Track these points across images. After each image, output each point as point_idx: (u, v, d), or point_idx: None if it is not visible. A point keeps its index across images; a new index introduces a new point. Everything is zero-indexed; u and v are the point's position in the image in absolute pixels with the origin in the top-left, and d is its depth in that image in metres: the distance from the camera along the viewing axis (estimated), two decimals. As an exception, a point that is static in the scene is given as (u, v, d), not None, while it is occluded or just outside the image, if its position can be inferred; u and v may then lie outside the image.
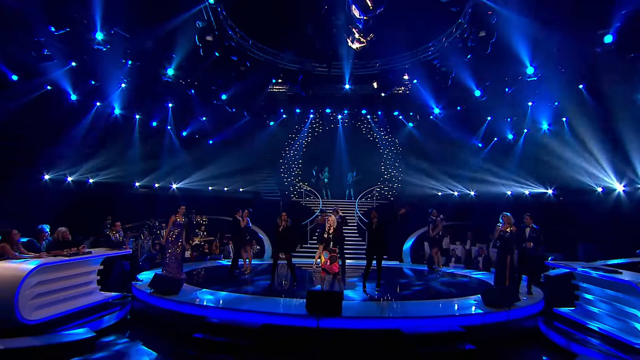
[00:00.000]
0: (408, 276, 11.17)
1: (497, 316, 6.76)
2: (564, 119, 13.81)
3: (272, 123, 19.07)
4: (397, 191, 19.45)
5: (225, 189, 18.49)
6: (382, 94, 14.18)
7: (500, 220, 8.83)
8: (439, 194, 18.27)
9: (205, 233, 14.75)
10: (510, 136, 16.51)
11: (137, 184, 15.25)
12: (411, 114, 16.91)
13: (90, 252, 6.82)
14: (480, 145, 17.53)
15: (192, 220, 14.38)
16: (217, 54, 11.19)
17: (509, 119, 14.80)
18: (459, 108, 14.18)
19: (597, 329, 6.14)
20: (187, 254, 12.28)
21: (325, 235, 7.88)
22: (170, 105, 14.99)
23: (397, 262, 13.91)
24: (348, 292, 8.13)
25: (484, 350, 6.07)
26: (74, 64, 10.24)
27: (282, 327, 6.36)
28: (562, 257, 10.65)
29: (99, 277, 7.11)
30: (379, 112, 17.95)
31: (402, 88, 15.07)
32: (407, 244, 14.79)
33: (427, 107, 14.92)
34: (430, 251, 11.61)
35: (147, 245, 11.72)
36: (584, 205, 12.80)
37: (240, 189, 18.87)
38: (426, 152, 18.14)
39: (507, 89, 11.76)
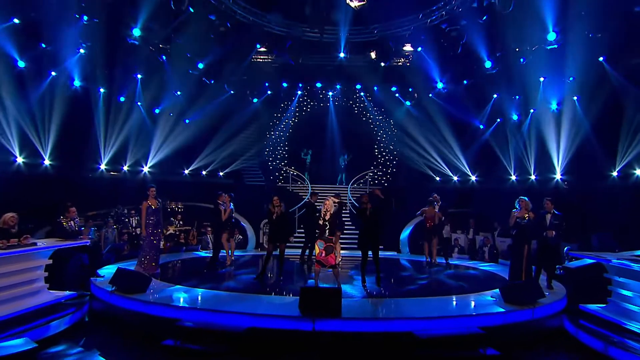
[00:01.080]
0: (409, 269, 10.50)
1: (520, 315, 6.12)
2: (575, 98, 13.26)
3: (255, 100, 17.98)
4: (392, 176, 18.78)
5: (204, 172, 17.45)
6: (382, 64, 13.18)
7: (517, 206, 8.19)
8: (437, 178, 17.68)
9: (181, 222, 13.78)
10: (515, 117, 15.97)
11: (102, 166, 14.07)
12: (410, 90, 16.08)
13: (34, 244, 5.83)
14: (482, 126, 16.94)
15: (165, 207, 13.37)
16: (191, 10, 9.99)
17: (517, 97, 14.15)
18: (465, 82, 13.40)
19: (638, 331, 5.55)
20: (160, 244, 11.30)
21: (321, 222, 7.06)
22: (139, 76, 13.73)
23: (395, 253, 13.26)
24: (345, 288, 7.39)
25: (508, 355, 5.42)
26: (16, 20, 8.94)
27: (270, 331, 5.59)
28: (577, 247, 10.16)
29: (47, 274, 6.14)
30: (375, 88, 17.05)
31: (403, 59, 14.19)
32: (405, 233, 14.16)
33: (430, 81, 14.10)
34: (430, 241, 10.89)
35: (112, 235, 10.69)
36: (597, 191, 12.35)
37: (220, 173, 17.85)
38: (424, 133, 17.43)
39: (521, 59, 11.01)
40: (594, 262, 7.76)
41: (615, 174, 12.42)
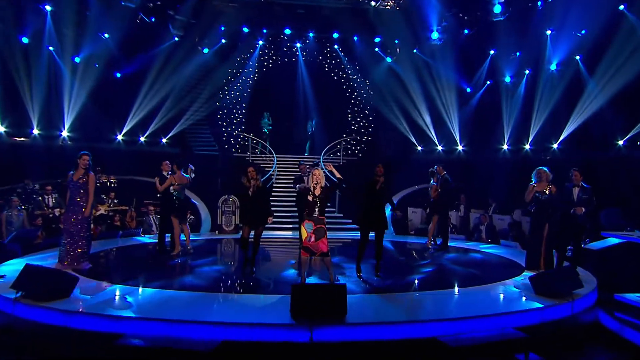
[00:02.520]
0: (405, 254, 9.81)
1: (559, 310, 5.51)
2: (577, 57, 12.96)
3: (206, 50, 16.20)
4: (368, 145, 17.98)
5: (142, 139, 15.63)
6: (373, 3, 11.89)
7: (533, 178, 7.57)
8: (419, 148, 17.12)
9: (114, 200, 12.17)
10: (507, 79, 15.57)
11: (1, 129, 11.97)
12: (396, 41, 15.10)
13: None
14: (469, 90, 16.45)
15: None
16: None
17: (517, 53, 13.64)
18: (466, 31, 12.60)
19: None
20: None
21: (310, 198, 5.99)
22: (48, 8, 11.49)
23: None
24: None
25: (554, 360, 4.80)
26: None
27: (252, 345, 4.56)
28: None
29: None
30: (355, 38, 15.85)
31: (392, 2, 13.06)
32: (387, 211, 13.49)
33: (424, 30, 13.16)
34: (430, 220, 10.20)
35: (17, 218, 8.97)
36: (600, 163, 12.25)
37: (164, 140, 16.11)
38: (405, 96, 16.69)
39: (539, 3, 10.30)
40: (623, 241, 7.46)
41: (620, 142, 12.36)
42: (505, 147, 15.38)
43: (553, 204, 7.37)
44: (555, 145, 14.08)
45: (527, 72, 14.97)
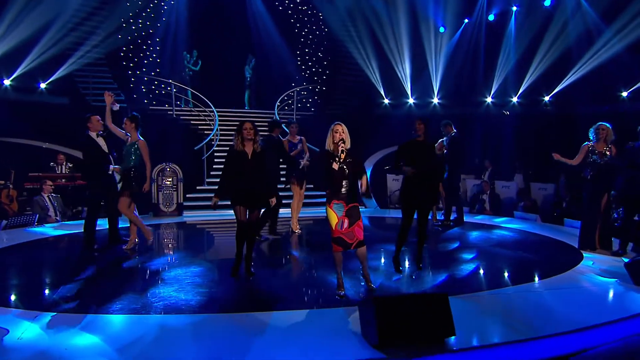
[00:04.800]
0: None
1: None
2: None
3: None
4: (323, 98, 16.80)
5: (7, 83, 12.76)
6: None
7: (591, 136, 7.12)
8: (386, 101, 16.38)
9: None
10: (491, 17, 15.27)
11: None
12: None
13: None
14: (442, 29, 15.92)
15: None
16: None
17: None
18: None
19: None
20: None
21: (335, 166, 4.74)
22: None
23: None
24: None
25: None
26: None
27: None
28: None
29: None
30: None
31: None
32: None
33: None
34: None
35: None
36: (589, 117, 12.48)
37: (42, 85, 13.34)
38: (370, 34, 15.71)
39: None
40: None
41: (625, 94, 12.65)
42: (488, 99, 15.22)
43: (615, 168, 6.97)
44: (546, 98, 14.19)
45: (514, 8, 14.78)
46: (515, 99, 14.68)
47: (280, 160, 7.74)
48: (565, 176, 11.51)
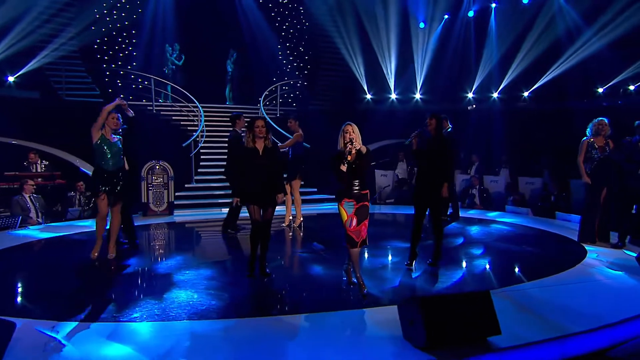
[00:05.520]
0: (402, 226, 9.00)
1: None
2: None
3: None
4: (305, 93, 16.62)
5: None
6: None
7: (589, 131, 7.23)
8: (368, 96, 16.34)
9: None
10: (471, 13, 15.43)
11: None
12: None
13: None
14: (422, 25, 15.99)
15: None
16: None
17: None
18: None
19: None
20: None
21: (344, 167, 4.71)
22: None
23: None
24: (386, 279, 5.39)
25: None
26: None
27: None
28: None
29: None
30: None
31: None
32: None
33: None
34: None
35: None
36: (576, 112, 12.83)
37: (10, 79, 12.65)
38: (354, 30, 15.64)
39: None
40: None
41: (632, 87, 12.76)
42: (470, 95, 15.39)
43: (614, 162, 7.10)
44: (525, 94, 14.46)
45: (493, 5, 15.00)
46: (495, 95, 14.90)
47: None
48: (548, 172, 11.78)
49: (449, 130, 9.10)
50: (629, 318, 4.40)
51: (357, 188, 4.78)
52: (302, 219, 8.53)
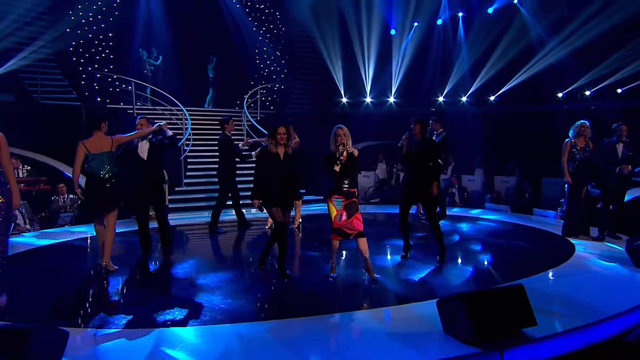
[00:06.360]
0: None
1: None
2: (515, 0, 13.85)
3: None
4: (281, 96, 16.66)
5: None
6: None
7: (572, 133, 7.68)
8: (344, 100, 16.56)
9: None
10: (439, 22, 15.92)
11: None
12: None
13: None
14: (393, 31, 16.38)
15: None
16: None
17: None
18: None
19: None
20: None
21: (336, 167, 5.20)
22: None
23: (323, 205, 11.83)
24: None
25: None
26: None
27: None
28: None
29: None
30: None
31: None
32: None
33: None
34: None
35: None
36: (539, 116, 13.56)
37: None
38: (328, 36, 15.81)
39: None
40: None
41: (588, 93, 13.54)
42: (440, 99, 15.89)
43: (594, 162, 7.57)
44: (492, 98, 15.10)
45: (460, 14, 15.57)
46: (464, 99, 15.47)
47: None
48: (519, 172, 12.36)
49: (443, 134, 9.24)
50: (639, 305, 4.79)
51: (346, 186, 5.25)
52: (300, 219, 8.67)
